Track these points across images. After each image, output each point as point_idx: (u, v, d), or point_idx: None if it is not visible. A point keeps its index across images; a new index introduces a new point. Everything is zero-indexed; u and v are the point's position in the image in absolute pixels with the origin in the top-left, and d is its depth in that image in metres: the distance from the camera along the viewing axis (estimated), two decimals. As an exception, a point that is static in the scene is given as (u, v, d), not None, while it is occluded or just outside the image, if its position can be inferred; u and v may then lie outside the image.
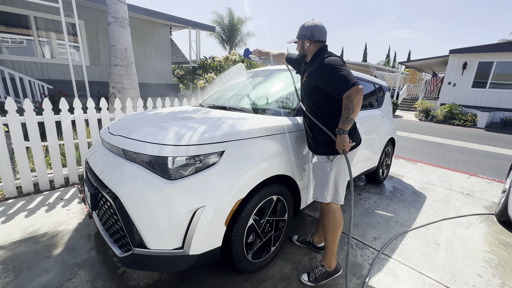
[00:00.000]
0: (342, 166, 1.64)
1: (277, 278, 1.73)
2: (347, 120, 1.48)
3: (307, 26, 1.69)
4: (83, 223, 2.27)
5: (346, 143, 1.51)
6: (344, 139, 1.51)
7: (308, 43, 1.70)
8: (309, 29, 1.67)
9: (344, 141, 1.51)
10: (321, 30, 1.68)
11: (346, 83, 1.46)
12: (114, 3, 3.57)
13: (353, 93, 1.44)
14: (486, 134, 8.93)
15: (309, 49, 1.72)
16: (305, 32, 1.69)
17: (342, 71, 1.49)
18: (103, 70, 8.40)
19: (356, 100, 1.44)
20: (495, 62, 11.07)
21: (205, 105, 2.61)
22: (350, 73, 1.50)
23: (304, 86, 1.76)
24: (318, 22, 1.69)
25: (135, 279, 1.66)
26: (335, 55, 1.60)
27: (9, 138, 2.67)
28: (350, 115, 1.47)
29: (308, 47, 1.71)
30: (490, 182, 3.88)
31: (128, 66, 3.79)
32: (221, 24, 20.20)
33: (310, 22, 1.70)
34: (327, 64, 1.54)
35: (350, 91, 1.44)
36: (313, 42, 1.69)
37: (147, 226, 1.32)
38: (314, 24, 1.68)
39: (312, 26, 1.67)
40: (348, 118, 1.48)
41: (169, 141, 1.43)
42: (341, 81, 1.48)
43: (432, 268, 1.90)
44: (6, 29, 6.89)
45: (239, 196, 1.46)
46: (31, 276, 1.65)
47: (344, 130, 1.50)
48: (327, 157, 1.64)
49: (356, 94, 1.43)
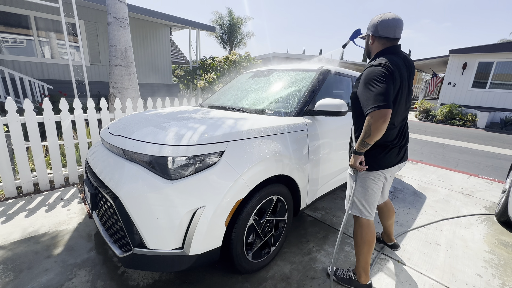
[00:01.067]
0: (367, 182, 1.52)
1: (277, 278, 1.73)
2: (362, 143, 1.36)
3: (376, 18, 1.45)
4: (83, 223, 2.27)
5: (356, 165, 1.44)
6: (356, 159, 1.43)
7: (372, 40, 1.48)
8: (375, 24, 1.43)
9: (355, 161, 1.43)
10: (388, 25, 1.40)
11: (369, 103, 1.29)
12: (114, 3, 3.57)
13: (374, 117, 1.27)
14: (486, 134, 8.92)
15: (372, 47, 1.49)
16: (370, 25, 1.47)
17: (374, 87, 1.30)
18: (103, 70, 8.40)
19: (374, 126, 1.28)
20: (495, 62, 11.07)
21: (205, 105, 2.61)
22: (384, 92, 1.27)
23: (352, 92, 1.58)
24: (392, 14, 1.41)
25: (135, 279, 1.66)
26: (383, 64, 1.34)
27: (9, 138, 2.68)
28: (365, 139, 1.34)
29: (371, 43, 1.49)
30: (490, 182, 3.87)
31: (128, 66, 3.79)
32: (221, 24, 20.19)
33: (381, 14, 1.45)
34: (365, 74, 1.38)
35: (372, 113, 1.28)
36: (376, 39, 1.46)
37: (147, 226, 1.32)
38: (381, 19, 1.42)
39: (379, 22, 1.42)
40: (363, 141, 1.36)
41: (169, 141, 1.43)
42: (367, 99, 1.32)
43: (432, 268, 1.90)
44: (6, 29, 6.89)
45: (239, 196, 1.46)
46: (31, 276, 1.65)
47: (357, 152, 1.41)
48: (354, 170, 1.54)
49: (377, 119, 1.26)
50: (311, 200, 2.15)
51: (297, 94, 2.17)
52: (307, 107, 2.04)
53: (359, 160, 1.44)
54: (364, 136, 1.34)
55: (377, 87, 1.29)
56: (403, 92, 1.43)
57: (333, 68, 2.47)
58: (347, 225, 2.44)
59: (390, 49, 1.45)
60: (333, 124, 2.24)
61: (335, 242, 2.14)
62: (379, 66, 1.34)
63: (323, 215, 2.61)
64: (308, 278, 1.74)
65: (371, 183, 1.52)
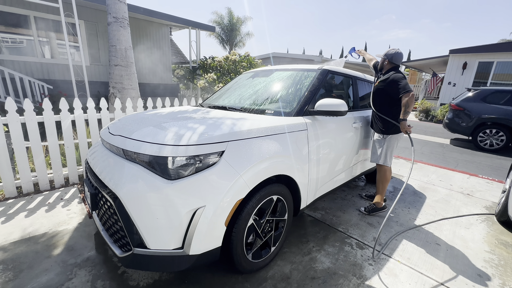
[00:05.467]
0: (391, 143, 2.55)
1: (277, 278, 1.73)
2: (406, 113, 2.32)
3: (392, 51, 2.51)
4: (83, 223, 2.27)
5: (406, 127, 2.34)
6: (405, 124, 2.35)
7: (386, 62, 2.57)
8: (391, 54, 2.51)
9: (404, 125, 2.34)
10: (398, 57, 2.49)
11: (406, 88, 2.33)
12: (114, 3, 3.57)
13: (410, 95, 2.30)
14: (486, 134, 8.91)
15: (386, 66, 2.59)
16: (388, 54, 2.53)
17: (403, 81, 2.37)
18: (103, 70, 8.40)
19: (411, 100, 2.28)
20: (495, 62, 11.06)
21: (205, 105, 2.61)
22: (407, 84, 2.36)
23: (375, 88, 2.62)
24: (400, 50, 2.50)
25: (135, 279, 1.66)
26: (402, 73, 2.45)
27: (9, 138, 2.68)
28: (407, 109, 2.30)
29: (386, 64, 2.58)
30: (490, 182, 3.87)
31: (128, 66, 3.79)
32: (220, 24, 20.19)
33: (395, 49, 2.52)
34: (394, 76, 2.42)
35: (409, 93, 2.30)
36: (389, 63, 2.55)
37: (147, 226, 1.32)
38: (396, 51, 2.49)
39: (394, 53, 2.49)
40: (406, 111, 2.31)
41: (169, 141, 1.43)
42: (402, 87, 2.35)
43: (432, 268, 1.90)
44: (6, 29, 6.89)
45: (239, 196, 1.46)
46: (31, 276, 1.65)
47: (403, 119, 2.34)
48: (383, 135, 2.58)
49: (412, 96, 2.29)
50: (311, 200, 2.15)
51: (297, 94, 2.17)
52: (307, 107, 2.04)
53: (406, 124, 2.34)
54: (407, 107, 2.30)
55: (404, 81, 2.38)
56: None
57: (333, 68, 2.47)
58: (347, 225, 2.44)
59: (396, 68, 2.56)
60: (333, 124, 2.25)
61: (336, 242, 2.14)
62: (399, 73, 2.45)
63: (323, 215, 2.61)
64: (308, 278, 1.74)
65: (395, 142, 2.56)
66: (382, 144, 2.58)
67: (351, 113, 2.59)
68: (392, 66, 2.52)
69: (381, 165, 2.61)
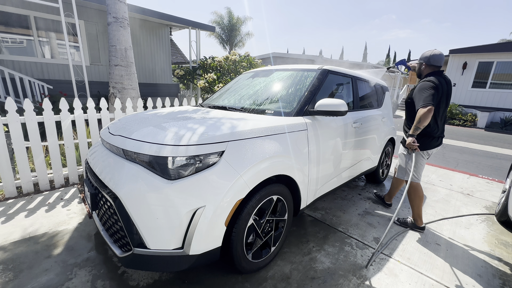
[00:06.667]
0: (418, 158, 2.26)
1: (277, 278, 1.73)
2: (416, 128, 2.06)
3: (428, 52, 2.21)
4: (83, 223, 2.27)
5: (411, 144, 2.10)
6: (409, 140, 2.11)
7: (424, 66, 2.25)
8: (427, 56, 2.20)
9: (409, 142, 2.11)
10: (437, 58, 2.16)
11: (421, 102, 2.04)
12: (114, 3, 3.57)
13: (423, 110, 2.00)
14: (486, 134, 8.93)
15: (424, 71, 2.27)
16: (423, 57, 2.23)
17: (424, 93, 2.05)
18: (103, 70, 8.40)
19: (423, 116, 1.99)
20: (495, 62, 11.07)
21: (205, 105, 2.61)
22: (430, 96, 2.02)
23: (407, 97, 2.33)
24: (438, 51, 2.17)
25: (135, 279, 1.66)
26: (431, 80, 2.10)
27: (9, 138, 2.68)
28: (417, 124, 2.04)
29: (423, 68, 2.27)
30: (490, 182, 3.87)
31: (128, 66, 3.79)
32: (220, 24, 20.20)
33: (431, 50, 2.21)
34: (420, 85, 2.14)
35: (422, 108, 2.01)
36: (427, 66, 2.22)
37: (147, 226, 1.32)
38: (432, 52, 2.18)
39: (430, 55, 2.18)
40: (416, 126, 2.06)
41: (169, 141, 1.43)
42: (419, 99, 2.07)
43: (432, 268, 1.90)
44: (6, 29, 6.89)
45: (239, 196, 1.46)
46: (31, 276, 1.65)
47: (411, 134, 2.10)
48: (407, 150, 2.30)
49: (425, 111, 1.99)
50: (311, 200, 2.15)
51: (297, 94, 2.17)
52: (307, 107, 2.04)
53: (412, 140, 2.10)
54: (417, 123, 2.04)
55: (430, 91, 2.04)
56: (443, 100, 2.16)
57: (333, 68, 2.47)
58: (347, 225, 2.44)
59: (436, 72, 2.20)
60: (333, 124, 2.24)
61: (336, 242, 2.14)
62: (428, 81, 2.11)
63: (323, 215, 2.61)
64: (308, 278, 1.74)
65: (420, 158, 2.28)
66: (405, 159, 2.37)
67: (351, 113, 2.59)
68: (432, 70, 2.21)
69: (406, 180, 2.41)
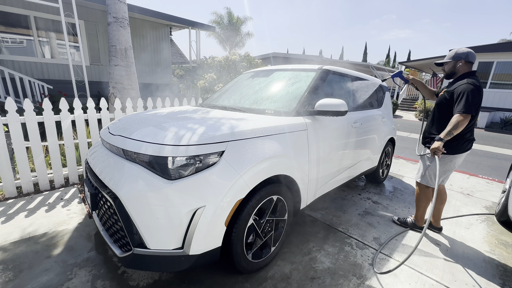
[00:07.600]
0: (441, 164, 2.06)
1: (277, 278, 1.73)
2: (449, 133, 1.90)
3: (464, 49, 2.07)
4: (83, 223, 2.27)
5: (440, 148, 1.89)
6: (439, 145, 1.90)
7: (462, 63, 2.07)
8: (465, 53, 2.05)
9: (439, 146, 1.90)
10: (474, 55, 2.07)
11: (462, 108, 1.88)
12: (114, 3, 3.57)
13: (462, 117, 1.87)
14: (486, 134, 8.93)
15: (460, 69, 2.09)
16: (460, 53, 2.06)
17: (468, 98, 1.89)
18: (103, 70, 8.40)
19: (461, 123, 1.86)
20: (495, 62, 11.07)
21: (205, 105, 2.61)
22: (475, 105, 1.90)
23: (438, 99, 2.17)
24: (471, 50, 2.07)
25: (135, 279, 1.66)
26: (477, 85, 1.93)
27: (9, 138, 2.67)
28: (452, 130, 1.88)
29: (460, 66, 2.08)
30: (490, 182, 3.87)
31: (128, 66, 3.78)
32: (220, 24, 20.19)
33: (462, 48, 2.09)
34: (464, 87, 1.94)
35: (462, 115, 1.87)
36: (466, 63, 2.06)
37: (147, 226, 1.32)
38: (468, 50, 2.06)
39: (468, 52, 2.05)
40: (450, 132, 1.89)
41: (169, 141, 1.43)
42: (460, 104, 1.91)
43: (432, 268, 1.90)
44: (6, 29, 6.89)
45: (239, 196, 1.46)
46: (31, 276, 1.65)
47: (442, 138, 1.91)
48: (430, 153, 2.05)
49: (463, 119, 1.87)
50: (311, 200, 2.15)
51: (297, 94, 2.17)
52: (307, 107, 2.04)
53: (441, 145, 1.90)
54: (452, 128, 1.88)
55: (471, 99, 1.88)
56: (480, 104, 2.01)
57: (333, 68, 2.47)
58: (347, 225, 2.44)
59: (472, 72, 2.06)
60: (333, 124, 2.24)
61: (336, 242, 2.14)
62: (474, 86, 1.92)
63: (323, 215, 2.61)
64: (308, 278, 1.74)
65: (448, 162, 2.11)
66: (427, 162, 2.19)
67: (351, 113, 2.59)
68: (469, 68, 2.07)
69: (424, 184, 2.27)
